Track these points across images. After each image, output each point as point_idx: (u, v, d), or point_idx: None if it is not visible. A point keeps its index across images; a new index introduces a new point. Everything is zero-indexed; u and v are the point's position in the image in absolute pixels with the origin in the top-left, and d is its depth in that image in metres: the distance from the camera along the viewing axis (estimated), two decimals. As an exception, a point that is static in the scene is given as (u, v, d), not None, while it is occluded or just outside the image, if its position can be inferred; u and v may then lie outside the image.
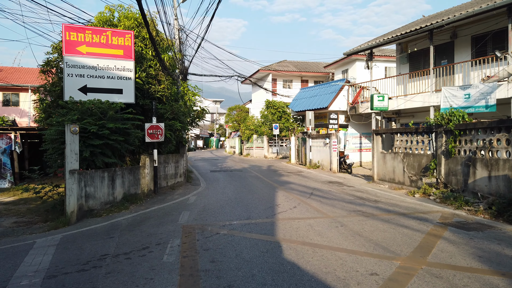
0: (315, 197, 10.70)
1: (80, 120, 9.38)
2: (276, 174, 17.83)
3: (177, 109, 12.19)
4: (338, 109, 22.60)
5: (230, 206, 9.58)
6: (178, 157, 13.48)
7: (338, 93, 22.44)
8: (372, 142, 14.25)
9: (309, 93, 25.67)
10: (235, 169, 20.90)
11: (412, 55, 20.43)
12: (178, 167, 13.39)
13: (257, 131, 34.99)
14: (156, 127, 11.66)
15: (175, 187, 13.15)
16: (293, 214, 8.35)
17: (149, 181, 11.55)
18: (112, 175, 9.80)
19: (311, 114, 21.42)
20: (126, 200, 10.16)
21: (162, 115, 12.20)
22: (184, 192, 12.27)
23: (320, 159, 20.54)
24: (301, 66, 45.91)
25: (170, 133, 12.06)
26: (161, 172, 12.28)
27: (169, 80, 12.72)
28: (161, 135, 11.71)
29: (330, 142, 18.81)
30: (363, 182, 14.39)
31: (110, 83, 11.04)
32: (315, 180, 15.09)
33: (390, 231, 6.77)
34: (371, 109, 14.52)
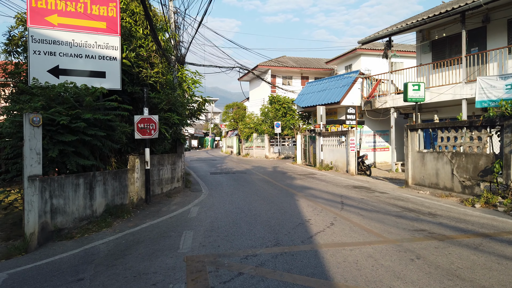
0: (350, 208, 8.45)
1: (46, 109, 7.03)
2: (286, 177, 15.57)
3: (174, 99, 9.88)
4: (351, 104, 20.40)
5: (246, 222, 7.29)
6: (175, 157, 11.16)
7: (351, 86, 20.24)
8: (406, 139, 12.04)
9: (317, 87, 23.45)
10: (238, 171, 18.60)
11: (435, 43, 18.30)
12: (175, 170, 11.06)
13: (257, 130, 32.71)
14: (149, 120, 9.33)
15: (171, 194, 10.81)
16: (337, 236, 6.08)
17: (140, 188, 9.22)
18: (91, 182, 7.46)
19: (322, 110, 19.20)
20: (109, 214, 7.83)
21: (156, 106, 9.89)
22: (183, 201, 9.95)
23: (334, 160, 18.31)
24: (301, 62, 43.75)
25: (165, 128, 9.74)
26: (154, 177, 9.95)
27: (164, 64, 10.39)
28: (155, 130, 9.39)
29: (347, 140, 16.59)
30: (394, 187, 12.18)
31: (90, 64, 8.70)
32: (335, 185, 12.85)
33: (496, 267, 4.54)
34: (404, 100, 12.37)
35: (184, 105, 10.56)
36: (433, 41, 18.29)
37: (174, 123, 9.97)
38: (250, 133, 33.62)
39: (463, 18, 15.12)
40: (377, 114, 20.44)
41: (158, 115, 9.50)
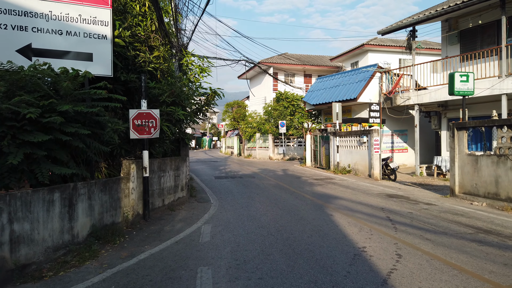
0: (405, 228, 6.59)
1: (9, 97, 5.13)
2: (302, 182, 13.71)
3: (178, 89, 7.97)
4: (369, 100, 18.59)
5: (280, 251, 5.40)
6: (179, 161, 9.24)
7: (369, 81, 18.42)
8: (452, 140, 10.21)
9: (328, 83, 21.61)
10: (245, 175, 16.70)
11: (464, 33, 16.51)
12: (178, 177, 9.15)
13: (261, 129, 30.83)
14: (147, 115, 7.42)
15: (175, 206, 8.89)
16: (422, 281, 4.22)
17: (136, 201, 7.31)
18: (70, 197, 5.55)
19: (339, 107, 17.34)
20: (96, 238, 5.92)
21: (157, 98, 7.99)
22: (190, 216, 8.03)
23: (352, 163, 16.46)
24: (304, 59, 41.96)
25: (167, 126, 7.83)
26: (154, 186, 8.03)
27: (166, 47, 8.48)
28: (155, 128, 7.48)
29: (370, 140, 14.75)
30: (436, 196, 10.35)
31: (72, 43, 6.77)
32: (364, 192, 11.01)
33: None
34: (449, 94, 10.58)
35: (191, 97, 8.64)
36: (461, 31, 16.50)
37: (178, 120, 8.06)
38: (253, 133, 31.73)
39: (503, 2, 13.35)
40: (396, 112, 18.63)
41: (159, 109, 7.59)
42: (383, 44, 29.06)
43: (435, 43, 32.35)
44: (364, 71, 19.09)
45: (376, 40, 30.08)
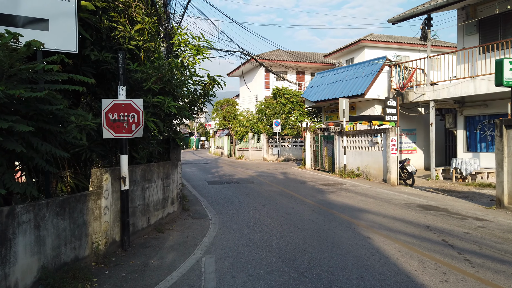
0: (482, 261, 4.82)
1: None
2: (310, 189, 11.89)
3: (168, 73, 6.02)
4: (377, 96, 16.92)
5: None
6: (169, 168, 7.27)
7: (377, 76, 16.73)
8: (500, 140, 8.49)
9: (330, 78, 19.86)
10: (242, 179, 14.79)
11: (484, 22, 14.95)
12: (168, 187, 7.17)
13: (253, 129, 28.95)
14: (127, 107, 5.46)
15: (164, 226, 6.92)
16: None
17: (111, 224, 5.34)
18: (3, 229, 3.57)
19: (346, 103, 15.58)
20: (48, 286, 3.96)
21: (140, 85, 6.04)
22: (185, 242, 6.09)
23: (363, 165, 14.71)
24: (296, 56, 40.28)
25: (154, 121, 5.87)
26: (137, 201, 6.06)
27: (153, 19, 6.50)
28: (137, 124, 5.53)
29: (386, 141, 13.02)
30: (479, 208, 8.64)
31: (19, 4, 4.78)
32: (390, 203, 9.26)
33: None
34: (497, 85, 8.87)
35: (184, 85, 6.69)
36: (481, 19, 14.92)
37: (168, 114, 6.11)
38: (245, 133, 29.81)
39: (536, -15, 11.80)
40: (404, 109, 16.97)
41: (143, 99, 5.65)
42: (380, 40, 27.69)
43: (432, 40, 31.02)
44: (371, 65, 17.39)
45: (373, 36, 28.67)
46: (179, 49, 7.57)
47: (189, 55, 7.21)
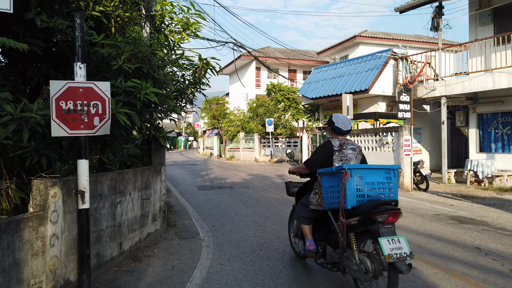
0: None
1: None
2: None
3: (147, 50, 4.44)
4: (382, 92, 15.58)
5: None
6: (150, 175, 5.67)
7: (382, 70, 15.38)
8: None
9: (329, 73, 18.44)
10: (236, 184, 13.23)
11: (500, 11, 13.71)
12: (148, 200, 5.58)
13: (245, 128, 27.42)
14: (87, 93, 3.88)
15: (142, 252, 5.31)
16: None
17: (62, 260, 3.74)
18: None
19: (349, 99, 14.14)
20: None
21: (108, 64, 4.47)
22: (170, 277, 4.49)
23: (369, 168, 13.29)
24: (288, 53, 38.96)
25: (128, 114, 4.28)
26: (103, 222, 4.45)
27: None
28: (102, 116, 3.95)
29: (399, 140, 11.61)
30: (523, 220, 7.27)
31: None
32: (413, 213, 7.85)
33: None
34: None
35: (169, 65, 5.11)
36: (496, 8, 13.68)
37: (147, 103, 4.53)
38: (236, 132, 28.24)
39: None
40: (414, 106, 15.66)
41: (110, 83, 4.06)
42: (375, 36, 26.62)
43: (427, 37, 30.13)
44: (375, 58, 16.03)
45: (368, 33, 27.53)
46: (163, 24, 5.99)
47: (176, 31, 5.62)
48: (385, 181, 3.69)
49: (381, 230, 3.36)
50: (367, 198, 3.61)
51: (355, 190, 3.54)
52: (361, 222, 3.51)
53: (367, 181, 3.62)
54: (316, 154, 4.14)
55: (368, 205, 3.47)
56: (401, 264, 3.18)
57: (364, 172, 3.63)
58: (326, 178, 3.83)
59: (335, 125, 4.09)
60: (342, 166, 3.53)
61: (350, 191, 3.51)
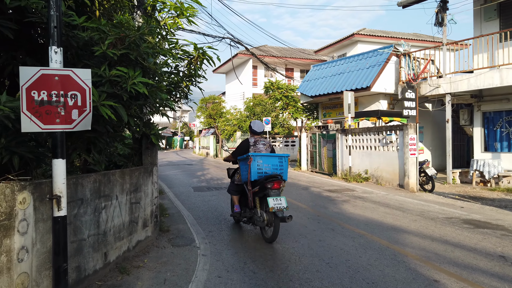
0: None
1: None
2: (316, 197, 9.93)
3: (135, 33, 3.89)
4: (384, 90, 15.10)
5: None
6: (140, 176, 5.12)
7: (384, 66, 14.90)
8: None
9: (329, 71, 17.95)
10: (233, 185, 12.68)
11: (506, 5, 13.28)
12: (138, 204, 5.03)
13: (242, 127, 26.89)
14: (64, 81, 3.33)
15: (131, 263, 4.76)
16: None
17: (32, 277, 3.20)
18: None
19: (351, 97, 13.66)
20: None
21: (89, 49, 3.91)
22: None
23: (372, 168, 12.82)
24: (285, 52, 38.53)
25: (114, 107, 3.74)
26: (85, 230, 3.91)
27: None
28: (83, 109, 3.40)
29: (403, 139, 11.13)
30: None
31: None
32: (423, 216, 7.36)
33: None
34: None
35: (161, 53, 4.57)
36: (502, 3, 13.23)
37: (135, 95, 3.99)
38: (232, 132, 27.74)
39: None
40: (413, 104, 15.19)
41: (92, 71, 3.52)
42: (373, 34, 26.25)
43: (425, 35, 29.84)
44: (376, 54, 15.55)
45: (366, 31, 27.17)
46: (155, 9, 5.44)
47: (169, 16, 5.07)
48: (278, 164, 5.68)
49: (269, 193, 5.30)
50: (264, 174, 5.53)
51: (256, 169, 5.50)
52: (260, 189, 5.49)
53: (265, 163, 5.57)
54: (238, 148, 6.11)
55: (263, 178, 5.42)
56: (279, 213, 5.18)
57: (263, 158, 5.59)
58: (242, 162, 5.87)
59: (253, 128, 6.12)
60: (248, 154, 5.53)
61: (253, 169, 5.49)
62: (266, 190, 5.38)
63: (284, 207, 5.22)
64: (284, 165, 5.73)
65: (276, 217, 5.26)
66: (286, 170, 5.73)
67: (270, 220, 5.38)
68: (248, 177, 5.58)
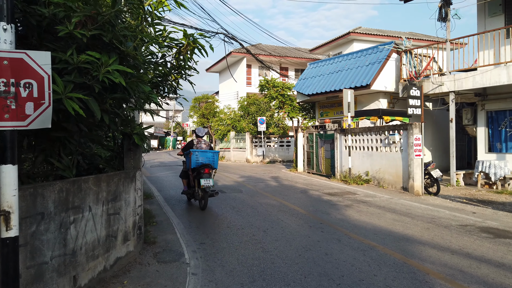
0: None
1: None
2: (316, 201, 9.28)
3: (108, 11, 3.19)
4: (384, 88, 14.53)
5: None
6: (120, 182, 4.42)
7: (385, 63, 14.33)
8: None
9: (326, 68, 17.33)
10: (227, 187, 12.00)
11: (511, 1, 12.78)
12: (118, 215, 4.33)
13: (236, 127, 26.20)
14: (16, 66, 2.62)
15: (108, 285, 4.05)
16: None
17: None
18: None
19: (351, 95, 13.03)
20: None
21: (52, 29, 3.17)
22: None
23: (374, 170, 12.21)
24: (279, 51, 37.95)
25: (85, 100, 3.03)
26: (47, 252, 3.20)
27: None
28: (40, 102, 2.69)
29: (408, 140, 10.52)
30: None
31: None
32: (433, 223, 6.74)
33: None
34: None
35: (143, 38, 3.86)
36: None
37: (110, 87, 3.28)
38: (226, 132, 27.01)
39: None
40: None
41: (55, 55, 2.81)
42: (369, 33, 25.81)
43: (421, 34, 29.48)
44: (376, 51, 14.96)
45: (362, 29, 26.72)
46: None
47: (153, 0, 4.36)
48: (211, 157, 8.01)
49: (202, 176, 7.60)
50: (201, 163, 7.84)
51: (195, 160, 7.83)
52: (197, 174, 7.76)
53: (201, 156, 7.90)
54: (185, 146, 8.56)
55: (199, 166, 7.78)
56: (207, 189, 7.63)
57: (200, 152, 7.92)
58: (186, 155, 8.30)
59: (197, 133, 8.45)
60: (190, 150, 7.96)
61: (193, 160, 7.82)
62: (200, 174, 7.78)
63: (211, 185, 7.75)
64: (215, 158, 8.19)
65: (205, 192, 7.81)
66: (216, 161, 8.21)
67: (202, 194, 7.86)
68: (189, 165, 8.12)
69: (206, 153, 8.06)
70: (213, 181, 7.70)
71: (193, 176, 8.05)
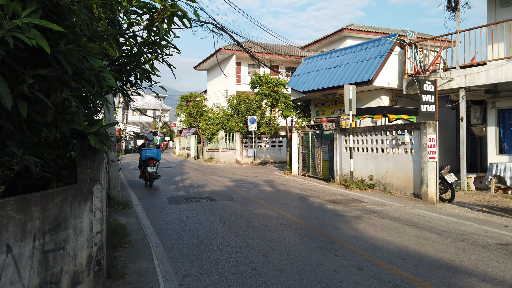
0: None
1: None
2: (319, 211, 8.06)
3: None
4: (387, 84, 13.44)
5: None
6: (66, 203, 3.11)
7: (387, 58, 13.22)
8: None
9: (323, 64, 16.15)
10: (216, 193, 10.71)
11: (526, -11, 11.79)
12: (62, 252, 3.03)
13: (225, 127, 24.88)
14: None
15: None
16: None
17: None
18: None
19: (352, 91, 11.85)
20: None
21: None
22: None
23: (379, 173, 11.05)
24: (270, 48, 36.62)
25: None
26: None
27: None
28: None
29: (421, 140, 9.37)
30: None
31: None
32: (464, 241, 5.62)
33: None
34: None
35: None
36: (520, -14, 11.71)
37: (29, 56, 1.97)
38: (215, 131, 25.66)
39: None
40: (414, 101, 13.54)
41: None
42: (362, 30, 24.92)
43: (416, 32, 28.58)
44: (377, 45, 13.84)
45: (355, 26, 25.74)
46: None
47: None
48: (155, 153, 12.26)
49: (148, 166, 12.12)
50: (149, 157, 12.04)
51: (145, 154, 12.07)
52: (146, 164, 12.20)
53: (150, 153, 12.10)
54: (140, 145, 13.07)
55: (147, 159, 12.09)
56: (152, 173, 12.18)
57: (148, 150, 12.21)
58: (140, 152, 12.81)
59: (148, 138, 13.03)
60: (141, 149, 12.64)
61: (143, 155, 12.14)
62: (148, 165, 12.05)
63: (154, 171, 12.11)
64: (159, 154, 12.32)
65: (151, 176, 12.12)
66: (159, 155, 12.35)
67: (149, 177, 12.18)
68: (141, 158, 12.38)
69: (154, 151, 12.18)
70: (156, 168, 12.16)
71: (144, 166, 12.28)
